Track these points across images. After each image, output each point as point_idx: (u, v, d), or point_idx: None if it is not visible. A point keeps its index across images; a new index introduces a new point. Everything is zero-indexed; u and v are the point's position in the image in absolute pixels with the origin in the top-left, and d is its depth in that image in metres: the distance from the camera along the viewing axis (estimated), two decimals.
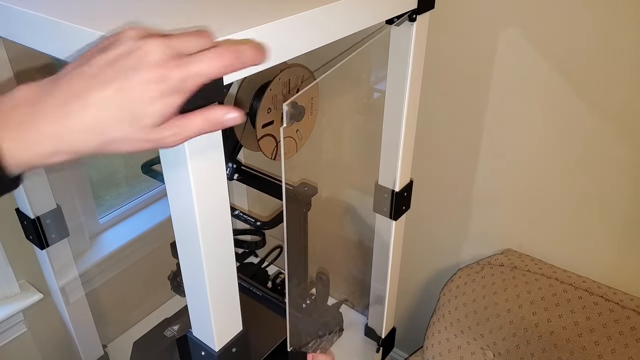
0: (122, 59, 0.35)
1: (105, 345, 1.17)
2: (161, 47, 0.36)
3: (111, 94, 0.34)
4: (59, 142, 0.35)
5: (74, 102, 0.34)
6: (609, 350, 0.83)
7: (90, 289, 1.14)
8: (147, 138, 0.36)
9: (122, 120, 0.35)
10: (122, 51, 0.35)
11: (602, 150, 0.87)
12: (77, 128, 0.34)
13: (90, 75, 0.35)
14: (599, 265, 0.95)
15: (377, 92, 1.10)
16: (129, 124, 0.35)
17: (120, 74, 0.35)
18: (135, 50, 0.35)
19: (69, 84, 0.35)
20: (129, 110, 0.35)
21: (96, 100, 0.34)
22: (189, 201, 0.48)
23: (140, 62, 0.35)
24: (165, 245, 1.23)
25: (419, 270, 1.25)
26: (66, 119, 0.34)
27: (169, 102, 0.35)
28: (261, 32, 0.48)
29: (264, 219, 1.03)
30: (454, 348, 0.99)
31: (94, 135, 0.35)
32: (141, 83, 0.34)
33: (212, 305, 0.54)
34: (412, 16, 0.72)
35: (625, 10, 0.76)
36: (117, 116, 0.35)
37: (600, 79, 0.83)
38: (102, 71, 0.35)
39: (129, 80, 0.34)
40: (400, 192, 0.89)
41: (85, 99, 0.34)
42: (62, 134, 0.34)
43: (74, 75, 0.36)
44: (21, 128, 0.34)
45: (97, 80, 0.35)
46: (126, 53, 0.35)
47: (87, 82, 0.35)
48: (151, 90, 0.35)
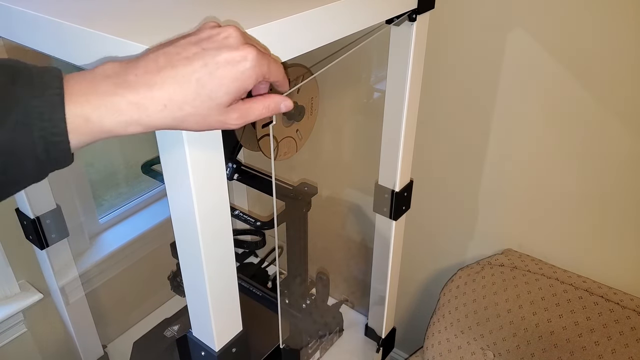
0: (204, 41, 0.38)
1: (105, 346, 1.17)
2: (239, 33, 0.38)
3: (194, 70, 0.36)
4: (139, 112, 0.36)
5: (157, 76, 0.36)
6: (609, 351, 0.83)
7: (90, 289, 1.14)
8: (218, 118, 0.38)
9: (200, 97, 0.37)
10: (204, 35, 0.38)
11: (603, 150, 0.87)
12: (158, 100, 0.36)
13: (174, 53, 0.37)
14: (599, 265, 0.95)
15: (377, 92, 1.10)
16: (206, 102, 0.37)
17: (203, 53, 0.37)
18: (216, 35, 0.38)
19: (154, 60, 0.37)
20: (209, 88, 0.37)
21: (179, 75, 0.36)
22: (189, 201, 0.48)
23: (222, 44, 0.37)
24: (165, 245, 1.23)
25: (419, 270, 1.25)
26: (148, 91, 0.36)
27: (242, 85, 0.38)
28: (261, 31, 0.48)
29: (264, 219, 1.03)
30: (454, 348, 0.99)
31: (172, 109, 0.37)
32: (223, 63, 0.37)
33: (212, 305, 0.54)
34: (412, 16, 0.72)
35: (629, 10, 0.76)
36: (197, 92, 0.37)
37: (603, 81, 0.83)
38: (185, 50, 0.37)
39: (213, 58, 0.37)
40: (400, 192, 0.89)
41: (168, 73, 0.36)
42: (144, 105, 0.36)
43: (159, 53, 0.37)
44: (106, 95, 0.35)
45: (181, 57, 0.37)
46: (208, 37, 0.38)
47: (171, 58, 0.37)
48: (230, 71, 0.37)
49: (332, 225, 1.34)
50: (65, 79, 0.36)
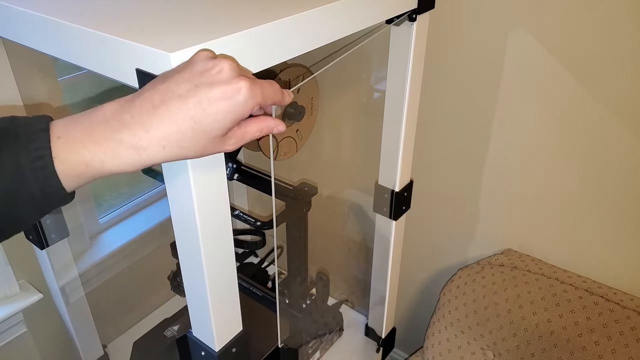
0: (196, 76, 0.38)
1: (105, 345, 1.17)
2: (232, 65, 0.38)
3: (188, 108, 0.37)
4: (138, 154, 0.37)
5: (153, 116, 0.37)
6: (609, 351, 0.83)
7: (90, 289, 1.14)
8: (213, 147, 0.39)
9: (197, 134, 0.38)
10: (197, 70, 0.38)
11: (603, 150, 0.87)
12: (156, 141, 0.37)
13: (168, 91, 0.37)
14: (599, 265, 0.95)
15: (377, 92, 1.10)
16: (202, 137, 0.38)
17: (196, 89, 0.37)
18: (210, 69, 0.38)
19: (149, 99, 0.37)
20: (205, 124, 0.37)
21: (174, 114, 0.37)
22: (189, 201, 0.48)
23: (214, 79, 0.38)
24: (165, 245, 1.23)
25: (419, 270, 1.25)
26: (145, 132, 0.37)
27: (237, 117, 0.38)
28: (261, 31, 0.48)
29: (264, 219, 1.03)
30: (454, 348, 0.99)
31: (170, 147, 0.38)
32: (216, 98, 0.37)
33: (212, 305, 0.54)
34: (412, 16, 0.72)
35: (628, 10, 0.76)
36: (193, 130, 0.37)
37: (603, 82, 0.83)
38: (179, 87, 0.37)
39: (206, 94, 0.37)
40: (400, 192, 0.89)
41: (163, 113, 0.37)
42: (142, 146, 0.37)
43: (153, 91, 0.38)
44: (104, 140, 0.37)
45: (175, 95, 0.37)
46: (201, 71, 0.38)
47: (165, 97, 0.37)
48: (224, 105, 0.37)
49: (332, 225, 1.34)
50: (64, 123, 0.37)
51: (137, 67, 0.44)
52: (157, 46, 0.42)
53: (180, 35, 0.45)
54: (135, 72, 0.44)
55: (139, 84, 0.45)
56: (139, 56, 0.43)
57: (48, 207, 0.39)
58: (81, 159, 0.37)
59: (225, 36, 0.45)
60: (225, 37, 0.45)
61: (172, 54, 0.41)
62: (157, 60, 0.42)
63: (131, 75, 0.45)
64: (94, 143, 0.37)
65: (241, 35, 0.46)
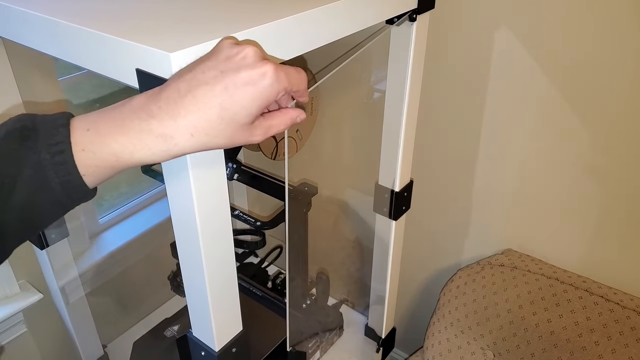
0: (222, 63, 0.38)
1: (105, 345, 1.17)
2: (257, 51, 0.38)
3: (215, 95, 0.37)
4: (166, 144, 0.37)
5: (180, 105, 0.37)
6: (609, 350, 0.83)
7: (91, 289, 1.14)
8: (242, 136, 0.39)
9: (224, 120, 0.37)
10: (222, 57, 0.38)
11: (603, 150, 0.87)
12: (184, 130, 0.37)
13: (194, 79, 0.37)
14: (599, 265, 0.95)
15: (377, 92, 1.10)
16: (230, 124, 0.38)
17: (222, 75, 0.37)
18: (234, 55, 0.38)
19: (175, 89, 0.37)
20: (232, 110, 0.37)
21: (201, 102, 0.37)
22: (189, 201, 0.48)
23: (239, 64, 0.37)
24: (165, 245, 1.22)
25: (419, 270, 1.25)
26: (173, 122, 0.37)
27: (264, 102, 0.38)
28: (261, 31, 0.48)
29: (264, 219, 1.03)
30: (454, 348, 0.99)
31: (198, 136, 0.37)
32: (242, 83, 0.37)
33: (212, 305, 0.54)
34: (412, 16, 0.72)
35: (624, 15, 0.76)
36: (221, 116, 0.37)
37: (603, 82, 0.83)
38: (204, 75, 0.37)
39: (232, 80, 0.37)
40: (400, 192, 0.89)
41: (190, 101, 0.37)
42: (171, 136, 0.37)
43: (179, 81, 0.38)
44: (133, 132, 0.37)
45: (201, 83, 0.37)
46: (226, 58, 0.38)
47: (191, 85, 0.37)
48: (250, 90, 0.37)
49: (332, 225, 1.34)
50: (92, 117, 0.38)
51: (137, 67, 0.44)
52: (157, 46, 0.42)
53: (180, 35, 0.45)
54: (135, 72, 0.44)
55: (139, 84, 0.45)
56: (139, 56, 0.43)
57: (69, 203, 0.39)
58: (111, 150, 0.37)
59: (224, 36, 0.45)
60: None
61: (172, 54, 0.40)
62: (157, 60, 0.42)
63: (131, 75, 0.45)
64: (123, 134, 0.37)
65: (241, 35, 0.46)
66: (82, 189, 0.38)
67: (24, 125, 0.37)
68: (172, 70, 0.41)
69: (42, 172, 0.36)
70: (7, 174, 0.36)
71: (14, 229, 0.38)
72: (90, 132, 0.37)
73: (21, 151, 0.36)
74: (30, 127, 0.37)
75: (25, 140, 0.36)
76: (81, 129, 0.37)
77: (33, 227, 0.39)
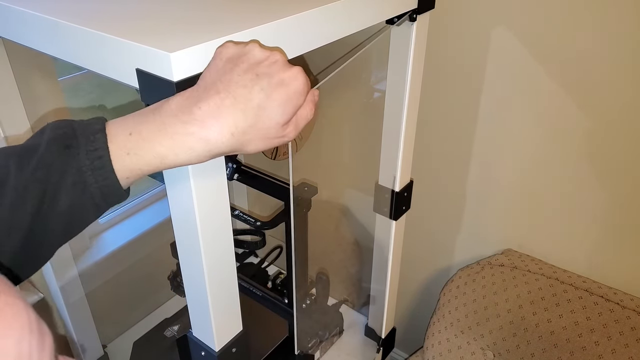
0: (255, 66, 0.39)
1: (105, 345, 1.17)
2: (284, 55, 0.40)
3: (253, 96, 0.38)
4: (209, 145, 0.38)
5: (221, 107, 0.38)
6: (609, 351, 0.83)
7: (91, 288, 1.14)
8: (276, 135, 0.41)
9: (262, 120, 0.39)
10: (254, 60, 0.40)
11: (603, 150, 0.87)
12: (225, 130, 0.38)
13: (232, 82, 0.39)
14: (599, 265, 0.95)
15: (377, 92, 1.10)
16: (266, 123, 0.39)
17: (258, 78, 0.39)
18: (265, 59, 0.40)
19: (214, 91, 0.39)
20: (268, 110, 0.39)
21: (241, 103, 0.38)
22: (189, 201, 0.48)
23: (272, 68, 0.39)
24: (165, 245, 1.22)
25: (419, 270, 1.25)
26: (215, 123, 0.38)
27: (297, 103, 0.40)
28: (261, 32, 0.48)
29: (264, 219, 1.03)
30: (454, 348, 0.99)
31: (238, 136, 0.39)
32: (277, 85, 0.39)
33: (212, 305, 0.54)
34: (412, 16, 0.72)
35: (623, 11, 0.76)
36: (258, 116, 0.39)
37: (604, 82, 0.83)
38: (242, 78, 0.39)
39: (268, 82, 0.39)
40: (401, 192, 0.89)
41: (231, 103, 0.38)
42: (213, 137, 0.38)
43: (217, 83, 0.39)
44: (177, 135, 0.38)
45: (239, 85, 0.39)
46: (258, 61, 0.40)
47: (230, 87, 0.39)
48: (284, 91, 0.39)
49: (332, 225, 1.34)
50: (133, 121, 0.39)
51: (137, 67, 0.44)
52: (158, 46, 0.42)
53: (180, 35, 0.45)
54: (135, 72, 0.44)
55: (139, 84, 0.45)
56: (139, 56, 0.43)
57: (105, 205, 0.40)
58: (156, 153, 0.38)
59: (225, 36, 0.45)
60: (226, 37, 0.45)
61: (172, 54, 0.40)
62: (157, 60, 0.42)
63: (131, 75, 0.45)
64: (167, 137, 0.38)
65: (241, 35, 0.46)
66: (118, 192, 0.39)
67: (65, 133, 0.38)
68: (172, 70, 0.41)
69: (82, 178, 0.38)
70: (51, 181, 0.37)
71: (56, 233, 0.39)
72: (133, 136, 0.38)
73: (64, 159, 0.37)
74: (71, 134, 0.38)
75: (67, 148, 0.38)
76: (123, 134, 0.38)
77: (73, 230, 0.41)
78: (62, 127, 0.39)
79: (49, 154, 0.37)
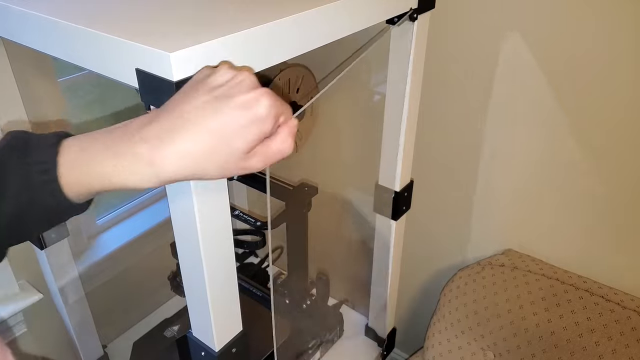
0: (216, 88, 0.37)
1: (105, 346, 1.17)
2: (253, 77, 0.38)
3: (206, 120, 0.36)
4: (154, 169, 0.36)
5: (171, 130, 0.36)
6: (610, 351, 0.83)
7: (90, 288, 1.14)
8: (238, 164, 0.38)
9: (217, 148, 0.36)
10: (217, 82, 0.38)
11: (603, 150, 0.87)
12: (173, 156, 0.36)
13: (186, 103, 0.37)
14: (600, 265, 0.95)
15: (377, 92, 1.10)
16: (223, 151, 0.36)
17: (215, 101, 0.36)
18: (229, 80, 0.37)
19: (168, 113, 0.37)
20: (225, 137, 0.36)
21: (192, 127, 0.36)
22: (188, 201, 0.48)
23: (234, 89, 0.37)
24: (165, 245, 1.22)
25: (419, 270, 1.25)
26: (162, 147, 0.36)
27: (260, 129, 0.37)
28: (261, 32, 0.48)
29: (263, 219, 1.03)
30: (454, 348, 0.98)
31: (188, 163, 0.36)
32: (236, 108, 0.36)
33: (212, 305, 0.54)
34: (412, 16, 0.72)
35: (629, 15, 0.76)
36: (212, 143, 0.36)
37: (604, 82, 0.83)
38: (196, 99, 0.37)
39: (226, 105, 0.36)
40: (401, 192, 0.89)
41: (181, 126, 0.36)
42: (160, 162, 0.36)
43: (174, 105, 0.37)
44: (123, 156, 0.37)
45: (192, 107, 0.36)
46: (220, 83, 0.37)
47: (183, 109, 0.37)
48: (245, 115, 0.36)
49: (332, 225, 1.34)
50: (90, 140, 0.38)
51: (137, 67, 0.44)
52: (157, 46, 0.42)
53: (180, 35, 0.45)
54: (135, 72, 0.44)
55: (139, 84, 0.45)
56: (139, 56, 0.43)
57: (55, 217, 0.40)
58: (102, 172, 0.37)
59: (225, 36, 0.45)
60: (226, 37, 0.45)
61: (172, 54, 0.40)
62: (157, 60, 0.42)
63: (131, 76, 0.45)
64: (115, 158, 0.36)
65: (241, 35, 0.46)
66: (66, 205, 0.38)
67: (17, 143, 0.38)
68: (172, 70, 0.41)
69: (30, 188, 0.37)
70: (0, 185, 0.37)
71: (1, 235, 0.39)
72: (84, 152, 0.37)
73: (11, 164, 0.37)
74: (22, 145, 0.38)
75: (17, 156, 0.37)
76: (76, 150, 0.38)
77: (20, 236, 0.41)
78: (16, 138, 0.39)
79: (1, 162, 0.37)
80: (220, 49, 0.44)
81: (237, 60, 0.46)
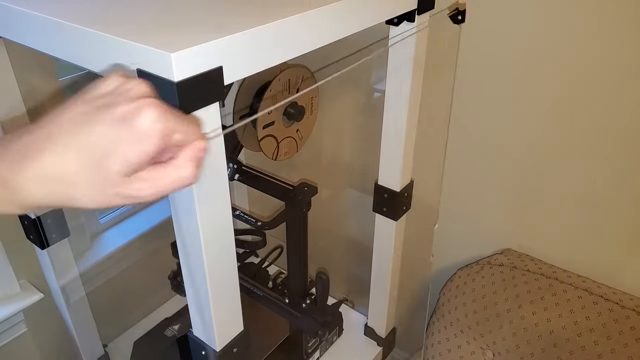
0: (98, 98, 0.31)
1: (105, 345, 1.17)
2: (144, 87, 0.32)
3: (78, 134, 0.30)
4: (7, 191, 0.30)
5: (35, 145, 0.30)
6: (609, 350, 0.83)
7: (91, 288, 1.14)
8: (117, 191, 0.31)
9: (87, 167, 0.30)
10: (99, 92, 0.32)
11: (602, 150, 0.87)
12: (31, 175, 0.30)
13: (59, 115, 0.31)
14: (598, 265, 0.95)
15: (377, 92, 1.10)
16: (95, 172, 0.30)
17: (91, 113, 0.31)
18: (117, 88, 0.32)
19: (39, 125, 0.31)
20: (97, 154, 0.30)
21: (59, 142, 0.30)
22: (189, 201, 0.48)
23: (116, 100, 0.31)
24: (166, 245, 1.23)
25: (419, 270, 1.25)
26: (18, 166, 0.30)
27: (143, 147, 0.30)
28: (262, 31, 0.48)
29: (264, 219, 1.03)
30: (453, 348, 0.99)
31: (51, 185, 0.30)
32: (113, 121, 0.30)
33: (213, 305, 0.54)
34: (412, 16, 0.72)
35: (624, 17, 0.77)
36: (82, 162, 0.30)
37: (604, 82, 0.83)
38: (71, 110, 0.31)
39: (103, 117, 0.30)
40: (401, 193, 0.89)
41: (46, 140, 0.30)
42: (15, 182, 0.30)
43: (48, 116, 0.32)
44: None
45: (64, 119, 0.31)
46: (104, 93, 0.32)
47: (54, 122, 0.31)
48: (123, 130, 0.29)
49: (332, 225, 1.34)
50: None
51: (138, 68, 0.44)
52: (158, 46, 0.42)
53: (181, 35, 0.45)
54: (136, 72, 0.44)
55: None
56: (140, 56, 0.43)
57: None
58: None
59: (225, 36, 0.45)
60: (226, 37, 0.45)
61: (173, 54, 0.41)
62: (158, 60, 0.42)
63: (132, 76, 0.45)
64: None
65: (242, 35, 0.46)
66: None
67: None
68: (174, 70, 0.41)
69: None
70: None
71: None
72: None
73: None
74: None
75: None
76: None
77: None
78: None
79: None
80: (222, 49, 0.45)
81: (238, 60, 0.46)
